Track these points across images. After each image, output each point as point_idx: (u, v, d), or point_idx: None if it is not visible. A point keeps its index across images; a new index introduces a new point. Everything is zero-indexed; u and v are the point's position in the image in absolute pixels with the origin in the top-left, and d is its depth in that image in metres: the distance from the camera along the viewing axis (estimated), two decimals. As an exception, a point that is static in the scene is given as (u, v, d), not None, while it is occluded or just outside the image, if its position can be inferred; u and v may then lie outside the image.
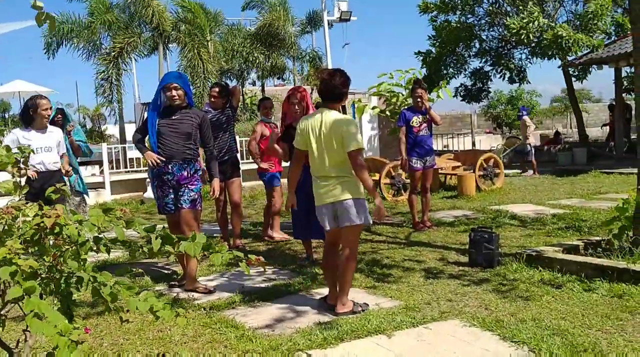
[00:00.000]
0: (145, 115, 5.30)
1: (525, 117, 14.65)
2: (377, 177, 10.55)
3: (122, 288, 2.11)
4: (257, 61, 19.07)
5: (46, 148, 5.45)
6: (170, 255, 2.34)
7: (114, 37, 15.75)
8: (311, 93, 19.09)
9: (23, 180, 2.31)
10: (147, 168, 12.53)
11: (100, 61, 15.58)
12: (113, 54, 15.20)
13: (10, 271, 1.85)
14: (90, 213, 2.08)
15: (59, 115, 6.42)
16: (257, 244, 7.13)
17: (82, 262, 2.19)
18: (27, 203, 2.15)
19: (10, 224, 2.09)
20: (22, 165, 2.19)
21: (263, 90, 21.81)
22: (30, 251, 2.12)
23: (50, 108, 5.50)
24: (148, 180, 12.70)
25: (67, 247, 2.19)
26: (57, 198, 2.39)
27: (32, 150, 2.27)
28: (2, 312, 2.15)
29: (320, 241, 6.04)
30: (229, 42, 18.20)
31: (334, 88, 4.33)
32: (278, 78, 20.20)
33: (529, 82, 17.70)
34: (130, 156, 13.56)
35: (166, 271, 5.88)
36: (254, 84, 24.00)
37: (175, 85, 5.00)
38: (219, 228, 7.15)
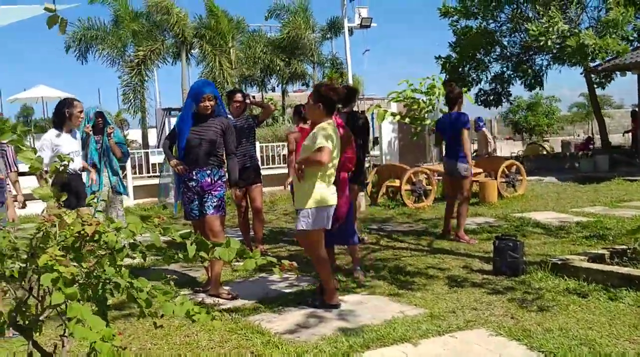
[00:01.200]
0: (169, 121, 5.39)
1: (484, 129, 14.36)
2: (397, 183, 10.56)
3: (158, 293, 2.14)
4: (278, 68, 19.17)
5: (75, 152, 5.55)
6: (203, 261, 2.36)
7: (137, 44, 15.93)
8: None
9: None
10: (169, 173, 12.62)
11: (124, 68, 15.78)
12: (137, 61, 15.39)
13: (52, 278, 1.89)
14: (129, 220, 2.12)
15: (99, 119, 6.52)
16: (279, 249, 7.16)
17: (118, 268, 2.23)
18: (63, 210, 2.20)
19: (48, 231, 2.14)
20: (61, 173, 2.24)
21: (284, 97, 21.92)
22: (68, 257, 2.16)
23: (82, 111, 5.62)
24: (171, 185, 12.82)
25: (103, 253, 2.23)
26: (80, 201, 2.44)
27: (72, 158, 2.31)
28: (41, 318, 2.19)
29: (343, 247, 6.07)
30: (250, 49, 18.31)
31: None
32: (302, 84, 20.25)
33: (542, 88, 17.56)
34: (152, 161, 13.70)
35: (192, 275, 5.92)
36: (273, 89, 24.10)
37: (211, 96, 5.07)
38: (240, 233, 7.20)
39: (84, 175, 6.03)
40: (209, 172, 5.11)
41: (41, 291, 2.17)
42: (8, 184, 4.62)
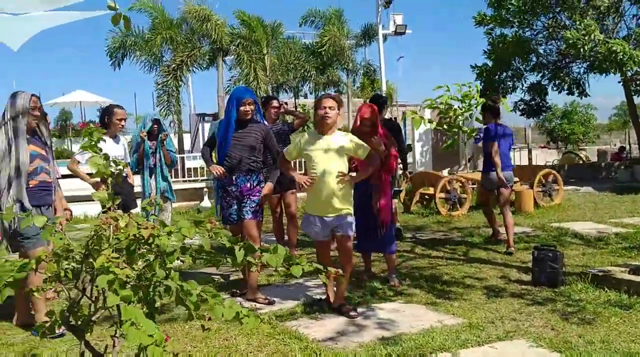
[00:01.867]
0: (203, 126, 5.47)
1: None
2: (431, 191, 10.50)
3: (208, 296, 2.18)
4: (312, 74, 19.24)
5: (118, 156, 5.65)
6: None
7: (174, 51, 16.17)
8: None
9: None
10: (204, 178, 12.77)
11: (161, 73, 16.02)
12: (173, 66, 15.63)
13: (108, 279, 1.94)
14: (181, 224, 2.16)
15: (155, 126, 6.67)
16: (313, 255, 7.16)
17: (168, 271, 2.27)
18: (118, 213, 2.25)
19: (103, 233, 2.19)
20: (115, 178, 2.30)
21: (317, 103, 21.89)
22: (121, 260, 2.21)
23: (125, 119, 5.75)
24: (205, 189, 13.00)
25: (152, 256, 2.28)
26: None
27: (127, 163, 2.37)
28: (93, 319, 2.25)
29: (379, 254, 6.06)
30: (284, 56, 18.43)
31: None
32: (335, 91, 20.26)
33: (589, 95, 17.25)
34: (188, 166, 13.87)
35: (233, 278, 5.97)
36: (305, 96, 24.19)
37: (251, 101, 5.14)
38: (274, 238, 7.25)
39: (136, 178, 6.27)
40: (248, 177, 5.17)
41: (95, 291, 2.23)
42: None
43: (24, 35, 3.86)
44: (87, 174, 5.55)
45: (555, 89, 16.98)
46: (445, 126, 12.77)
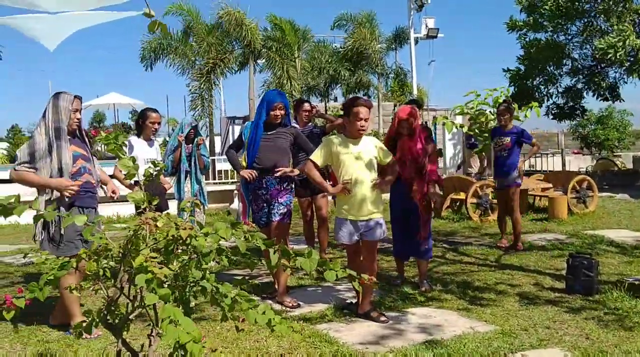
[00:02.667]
0: (233, 129, 5.54)
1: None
2: (463, 196, 10.40)
3: (242, 300, 2.19)
4: (343, 78, 19.27)
5: (150, 159, 5.71)
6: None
7: (207, 54, 16.34)
8: (393, 109, 19.09)
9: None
10: (234, 181, 12.83)
11: (194, 77, 16.22)
12: (206, 69, 15.80)
13: (147, 278, 1.97)
14: (218, 226, 2.18)
15: (192, 131, 6.79)
16: (344, 259, 7.16)
17: (204, 272, 2.29)
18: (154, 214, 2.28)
19: (142, 233, 2.22)
20: (155, 180, 2.34)
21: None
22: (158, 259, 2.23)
23: (159, 123, 5.79)
24: (235, 192, 13.07)
25: (188, 256, 2.30)
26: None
27: (166, 165, 2.39)
28: (130, 317, 2.29)
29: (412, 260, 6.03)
30: (315, 59, 18.49)
31: None
32: (365, 94, 20.27)
33: (623, 100, 16.91)
34: (218, 168, 13.98)
35: (266, 281, 6.00)
36: (335, 99, 24.22)
37: (282, 105, 5.16)
38: (304, 241, 7.27)
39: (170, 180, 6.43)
40: (278, 180, 5.19)
41: (132, 290, 2.27)
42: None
43: (60, 36, 3.91)
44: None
45: (591, 93, 16.68)
46: (476, 131, 12.63)
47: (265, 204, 5.25)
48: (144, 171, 2.56)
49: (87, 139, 4.61)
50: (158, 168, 2.35)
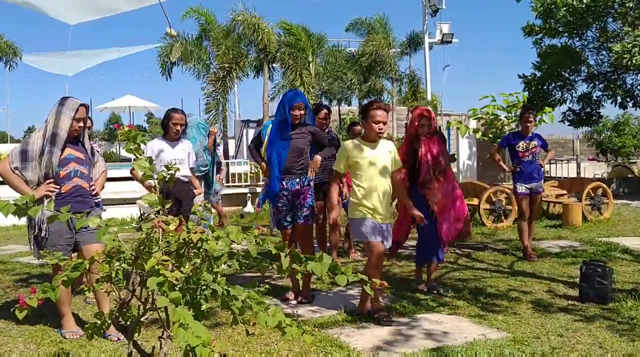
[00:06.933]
0: (247, 132, 5.60)
1: None
2: (476, 202, 10.34)
3: (253, 303, 2.20)
4: (357, 82, 19.28)
5: (178, 160, 5.66)
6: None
7: (222, 58, 16.42)
8: (407, 114, 19.06)
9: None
10: (247, 184, 12.85)
11: (210, 81, 16.31)
12: (222, 73, 15.88)
13: (158, 281, 1.98)
14: (230, 230, 2.20)
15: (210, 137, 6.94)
16: (355, 263, 7.17)
17: (215, 275, 2.31)
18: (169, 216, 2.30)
19: (154, 236, 2.24)
20: (167, 182, 2.35)
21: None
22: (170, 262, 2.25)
23: (182, 124, 5.75)
24: (249, 195, 13.13)
25: (200, 260, 2.32)
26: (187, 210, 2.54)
27: (178, 168, 2.40)
28: (142, 319, 2.30)
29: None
30: (329, 64, 18.53)
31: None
32: (376, 98, 20.27)
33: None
34: (232, 171, 14.03)
35: (281, 283, 6.00)
36: (349, 104, 24.22)
37: (302, 105, 5.21)
38: (316, 244, 7.27)
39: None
40: (297, 179, 5.22)
41: (144, 293, 2.28)
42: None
43: (79, 67, 3.99)
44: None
45: (608, 100, 16.53)
46: (491, 136, 12.58)
47: (287, 207, 5.28)
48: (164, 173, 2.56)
49: (88, 144, 4.57)
50: (171, 171, 2.37)
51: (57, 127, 4.28)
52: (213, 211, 7.14)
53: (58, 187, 4.27)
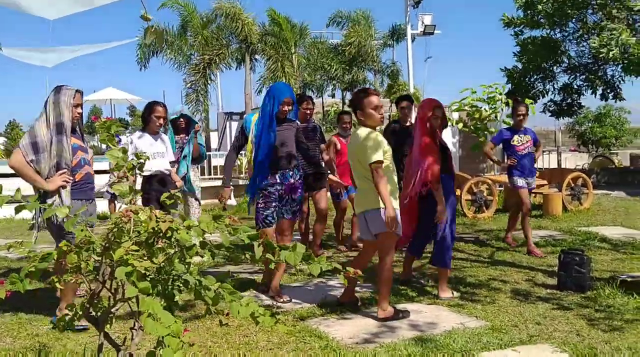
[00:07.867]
0: (230, 124, 5.52)
1: None
2: (457, 193, 10.38)
3: (225, 293, 2.18)
4: (338, 74, 19.26)
5: (159, 153, 5.63)
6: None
7: (203, 49, 16.30)
8: (389, 107, 19.06)
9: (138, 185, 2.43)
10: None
11: (190, 72, 16.18)
12: (202, 64, 15.77)
13: (127, 271, 1.95)
14: (201, 219, 2.17)
15: (181, 119, 6.75)
16: (337, 255, 7.16)
17: (187, 266, 2.28)
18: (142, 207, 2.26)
19: (123, 226, 2.21)
20: (137, 172, 2.32)
21: (344, 103, 22.01)
22: (141, 253, 2.22)
23: (164, 117, 5.70)
24: (231, 187, 13.04)
25: (172, 250, 2.29)
26: (172, 203, 2.51)
27: (148, 157, 2.36)
28: (112, 311, 2.27)
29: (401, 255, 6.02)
30: (311, 55, 18.47)
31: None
32: (359, 90, 20.33)
33: (624, 99, 16.80)
34: (214, 164, 13.95)
35: (255, 277, 5.99)
36: (333, 96, 24.20)
37: (290, 100, 5.13)
38: (299, 236, 7.25)
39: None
40: (291, 173, 5.16)
41: (114, 284, 2.25)
42: None
43: (58, 60, 3.93)
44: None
45: (589, 90, 16.63)
46: (472, 128, 12.63)
47: (275, 203, 5.13)
48: (151, 165, 2.54)
49: (82, 133, 4.59)
50: (141, 161, 2.34)
51: (61, 116, 4.27)
52: (200, 184, 7.09)
53: (72, 177, 4.29)
